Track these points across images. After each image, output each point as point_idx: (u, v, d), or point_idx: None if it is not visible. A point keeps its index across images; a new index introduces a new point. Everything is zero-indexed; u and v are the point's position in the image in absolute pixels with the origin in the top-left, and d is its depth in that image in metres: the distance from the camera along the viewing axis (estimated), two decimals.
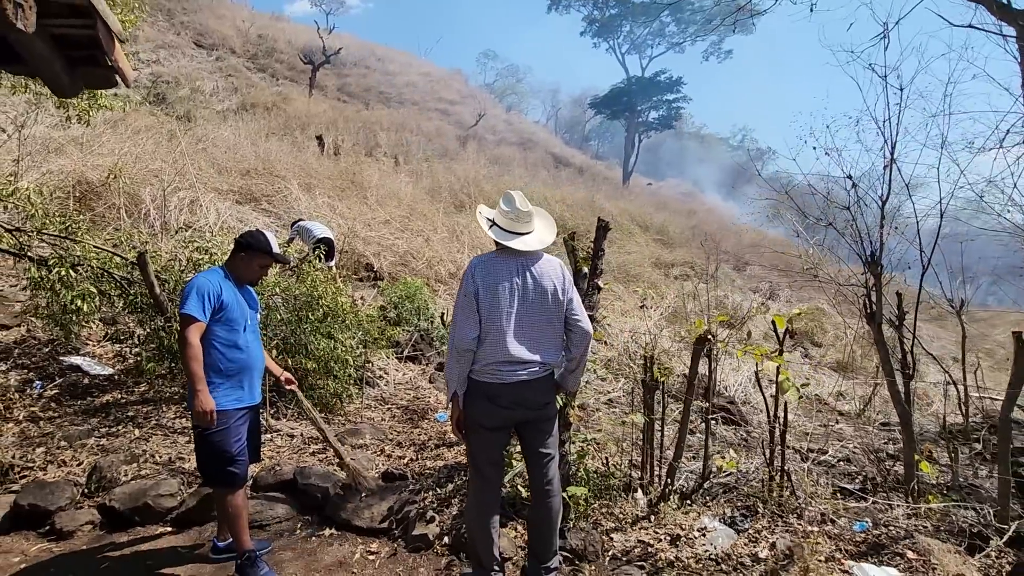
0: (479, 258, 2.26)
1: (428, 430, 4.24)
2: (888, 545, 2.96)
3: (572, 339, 2.33)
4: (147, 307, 3.94)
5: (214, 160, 10.29)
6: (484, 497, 2.31)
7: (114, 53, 2.20)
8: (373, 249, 8.87)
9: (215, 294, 2.50)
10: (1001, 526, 3.14)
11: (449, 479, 3.26)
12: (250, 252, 2.67)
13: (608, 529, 2.88)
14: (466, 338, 2.16)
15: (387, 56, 37.32)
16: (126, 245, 4.33)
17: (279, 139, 14.23)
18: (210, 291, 2.49)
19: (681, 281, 14.91)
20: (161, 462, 3.42)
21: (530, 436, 2.34)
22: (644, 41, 36.29)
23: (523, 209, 2.27)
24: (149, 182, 7.30)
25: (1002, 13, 3.89)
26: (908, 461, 3.79)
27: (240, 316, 2.61)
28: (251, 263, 2.68)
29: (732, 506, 3.22)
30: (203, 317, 2.44)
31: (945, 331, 14.29)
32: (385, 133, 22.03)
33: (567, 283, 2.31)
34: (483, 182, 16.50)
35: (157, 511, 3.02)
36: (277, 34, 31.31)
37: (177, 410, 4.03)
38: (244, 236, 2.72)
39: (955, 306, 4.79)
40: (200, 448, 2.54)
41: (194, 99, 19.43)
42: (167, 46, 23.58)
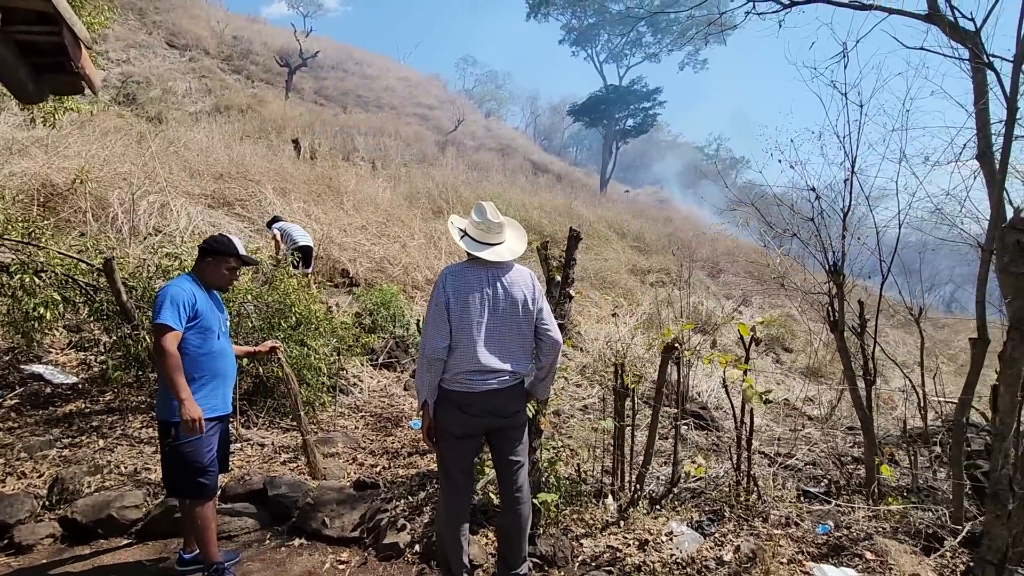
0: (450, 268, 2.29)
1: (402, 438, 4.23)
2: (848, 546, 3.05)
3: (542, 348, 2.36)
4: (113, 314, 3.87)
5: (186, 163, 10.11)
6: (454, 504, 2.32)
7: (80, 60, 2.17)
8: (349, 255, 8.81)
9: (189, 303, 2.47)
10: (955, 527, 3.26)
11: (421, 487, 3.26)
12: (217, 256, 2.65)
13: (578, 535, 2.91)
14: (436, 347, 2.18)
15: (365, 60, 37.14)
16: (92, 251, 4.24)
17: (254, 142, 14.05)
18: (184, 299, 2.45)
19: (656, 288, 15.13)
20: (126, 473, 3.35)
21: (500, 444, 2.36)
22: (621, 50, 36.81)
23: (494, 220, 2.31)
24: (117, 185, 7.14)
25: (954, 34, 4.06)
26: (869, 464, 3.92)
27: (215, 323, 2.59)
28: (219, 267, 2.66)
29: (700, 511, 3.29)
30: (179, 326, 2.41)
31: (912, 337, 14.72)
32: (363, 137, 21.90)
33: (537, 293, 2.35)
34: (462, 188, 16.51)
35: (121, 523, 2.96)
36: (253, 36, 30.91)
37: (144, 419, 3.95)
38: (208, 241, 2.70)
39: (914, 314, 4.98)
40: (170, 459, 2.50)
41: (166, 100, 19.06)
42: (138, 45, 23.10)
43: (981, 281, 3.38)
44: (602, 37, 36.70)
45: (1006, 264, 2.01)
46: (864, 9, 4.72)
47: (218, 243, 2.67)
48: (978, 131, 4.01)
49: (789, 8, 5.34)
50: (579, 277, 11.96)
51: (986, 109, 4.01)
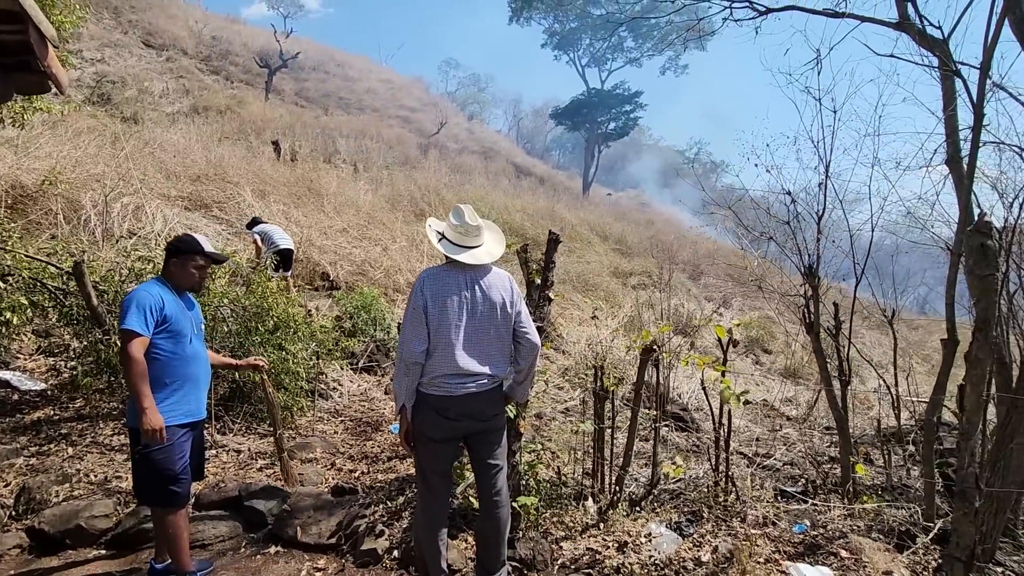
0: (428, 271, 2.28)
1: (381, 442, 4.19)
2: (824, 545, 3.10)
3: (520, 351, 2.36)
4: (84, 319, 3.77)
5: (162, 164, 9.92)
6: (432, 509, 2.31)
7: (47, 59, 2.12)
8: (329, 258, 8.72)
9: (156, 307, 2.41)
10: (927, 524, 3.33)
11: (400, 492, 3.23)
12: (182, 256, 2.59)
13: (558, 538, 2.91)
14: (414, 351, 2.17)
15: (347, 61, 36.91)
16: (62, 254, 4.13)
17: (233, 143, 13.87)
18: (151, 304, 2.39)
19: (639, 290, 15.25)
20: (96, 482, 3.27)
21: (478, 447, 2.35)
22: (603, 55, 37.11)
23: (472, 223, 2.30)
24: (90, 187, 6.98)
25: (923, 42, 4.17)
26: (844, 464, 3.98)
27: (186, 327, 2.53)
28: (185, 267, 2.59)
29: (679, 512, 3.31)
30: (145, 331, 2.35)
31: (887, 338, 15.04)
32: (344, 139, 21.73)
33: (516, 296, 2.35)
34: (444, 190, 16.47)
35: (90, 533, 2.89)
36: (232, 36, 30.54)
37: (115, 427, 3.86)
38: (172, 241, 2.65)
39: (887, 315, 5.08)
40: (140, 467, 2.43)
41: (142, 100, 18.72)
42: (113, 45, 22.67)
43: (950, 283, 3.46)
44: (584, 41, 36.97)
45: (971, 266, 2.06)
46: (837, 16, 4.81)
47: (182, 242, 2.62)
48: (947, 136, 4.12)
49: (765, 15, 5.43)
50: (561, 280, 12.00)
51: (954, 115, 4.11)
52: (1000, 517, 3.10)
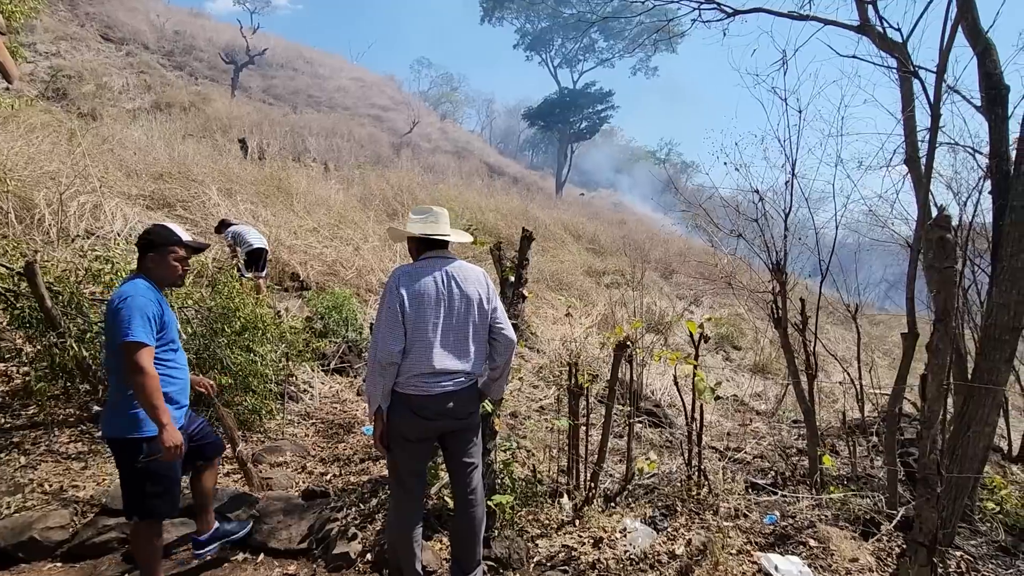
0: (402, 268, 2.23)
1: (354, 444, 4.12)
2: (793, 535, 3.16)
3: (496, 348, 2.34)
4: (37, 322, 3.60)
5: (122, 162, 9.58)
6: (406, 510, 2.27)
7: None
8: (299, 258, 8.55)
9: (156, 314, 2.23)
10: (891, 512, 3.43)
11: (373, 493, 3.17)
12: (159, 250, 2.35)
13: (533, 536, 2.90)
14: (390, 351, 2.11)
15: (316, 59, 36.31)
16: (13, 254, 3.94)
17: (197, 141, 13.48)
18: (152, 311, 2.21)
19: (612, 289, 15.39)
20: (51, 491, 3.12)
21: (454, 446, 2.32)
22: (575, 55, 37.35)
23: (437, 211, 2.28)
24: (44, 185, 6.69)
25: (883, 44, 4.29)
26: (812, 455, 4.08)
27: (175, 329, 2.39)
28: (164, 261, 2.36)
29: (653, 506, 3.34)
30: (152, 341, 2.17)
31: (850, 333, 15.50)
32: (314, 138, 21.39)
33: (491, 291, 2.33)
34: (417, 190, 16.32)
35: (45, 545, 2.75)
36: (196, 31, 29.75)
37: (72, 434, 3.70)
38: (145, 235, 2.40)
39: (851, 311, 5.23)
40: (139, 478, 2.26)
41: (100, 96, 18.08)
42: (69, 38, 21.83)
43: (911, 278, 3.57)
44: (556, 42, 37.14)
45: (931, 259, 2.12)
46: (801, 19, 4.93)
47: (157, 234, 2.40)
48: (906, 137, 4.25)
49: (732, 17, 5.52)
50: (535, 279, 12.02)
51: (913, 116, 4.25)
52: (959, 503, 3.21)
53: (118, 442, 2.26)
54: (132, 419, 2.23)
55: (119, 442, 2.26)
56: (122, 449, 2.26)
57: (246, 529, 2.84)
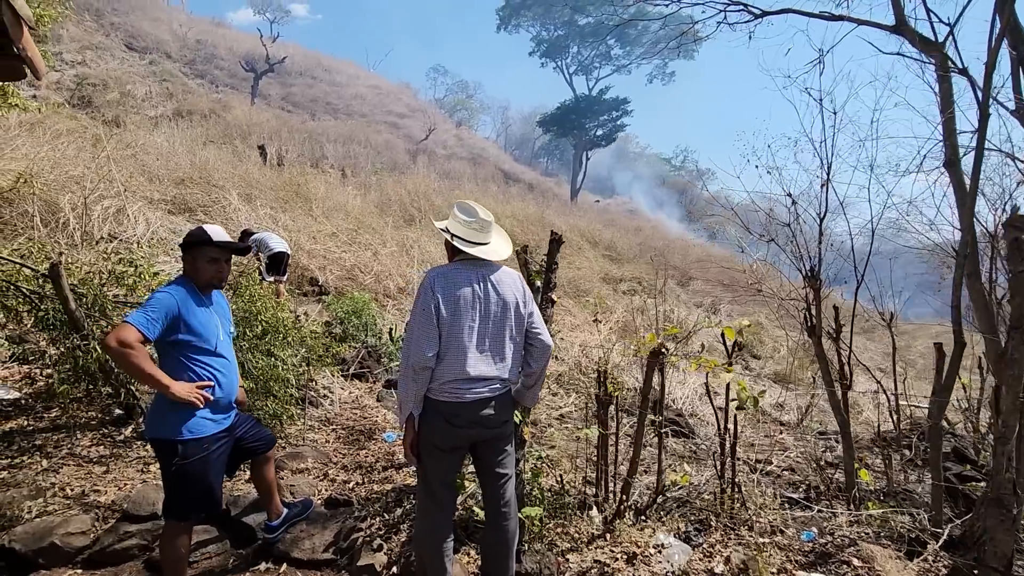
0: (437, 270, 2.15)
1: (375, 451, 4.04)
2: (834, 553, 3.01)
3: (532, 353, 2.25)
4: (61, 324, 3.58)
5: (145, 167, 9.70)
6: (437, 522, 2.17)
7: (22, 41, 1.98)
8: (318, 263, 8.56)
9: (170, 313, 2.19)
10: (936, 530, 3.26)
11: (398, 503, 3.09)
12: (191, 251, 2.36)
13: (563, 550, 2.79)
14: (424, 356, 2.03)
15: (334, 67, 36.76)
16: (38, 256, 3.94)
17: (218, 147, 13.64)
18: (168, 309, 2.18)
19: (629, 296, 15.24)
20: (72, 496, 3.08)
21: (487, 456, 2.23)
22: (591, 63, 37.35)
23: (485, 219, 2.19)
24: (69, 189, 6.76)
25: (921, 44, 4.16)
26: (849, 469, 3.91)
27: (212, 327, 2.35)
28: (197, 262, 2.36)
29: (686, 520, 3.21)
30: (146, 329, 2.11)
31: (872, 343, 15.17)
32: (332, 145, 21.57)
33: (527, 295, 2.24)
34: (434, 196, 16.36)
35: (65, 551, 2.70)
36: (217, 40, 30.28)
37: (93, 437, 3.67)
38: (184, 238, 2.42)
39: (885, 319, 5.06)
40: (174, 481, 2.24)
41: (124, 103, 18.40)
42: (94, 47, 22.31)
43: (956, 285, 3.42)
44: (572, 49, 37.18)
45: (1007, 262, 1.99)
46: (834, 19, 4.80)
47: (190, 235, 2.39)
48: (945, 139, 4.09)
49: (760, 19, 5.41)
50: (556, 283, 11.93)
51: (953, 118, 4.09)
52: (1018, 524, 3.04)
53: (156, 443, 2.26)
54: (168, 420, 2.21)
55: (156, 443, 2.26)
56: (160, 450, 2.26)
57: (311, 508, 2.96)
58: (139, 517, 2.88)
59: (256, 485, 2.80)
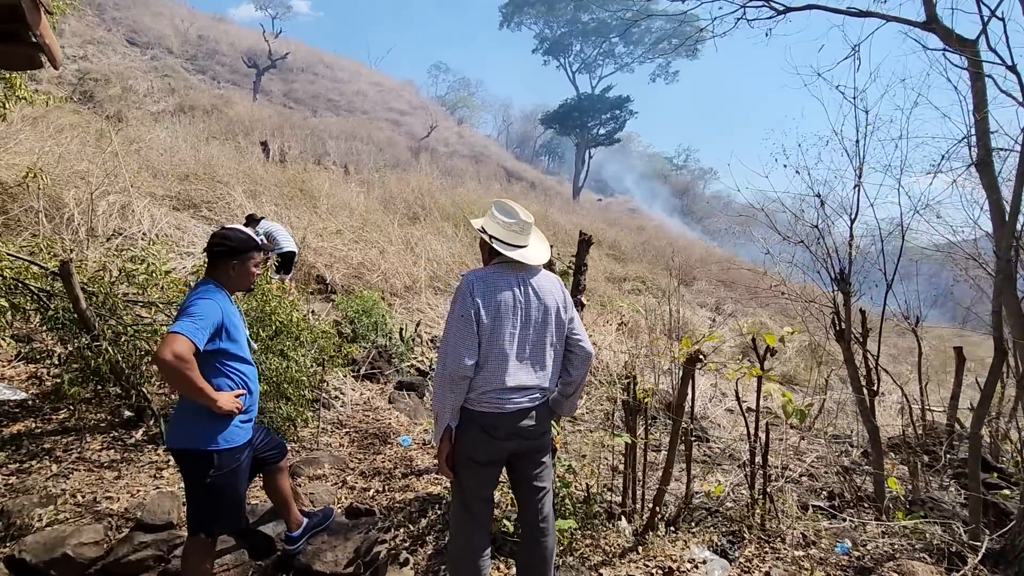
0: (475, 273, 2.03)
1: (392, 456, 3.93)
2: (873, 568, 2.91)
3: (573, 361, 2.13)
4: (70, 323, 3.46)
5: (148, 163, 9.57)
6: (473, 538, 2.06)
7: (40, 27, 1.86)
8: (325, 260, 8.44)
9: (216, 322, 2.05)
10: (974, 543, 3.16)
11: (422, 513, 2.98)
12: (240, 256, 2.19)
13: (596, 564, 2.69)
14: (463, 364, 1.91)
15: (336, 64, 36.59)
16: (45, 253, 3.82)
17: (221, 143, 13.49)
18: (214, 317, 2.04)
19: (634, 295, 15.13)
20: (84, 503, 2.97)
21: (525, 469, 2.12)
22: (594, 61, 37.19)
23: (527, 220, 2.08)
24: (74, 184, 6.63)
25: (953, 41, 4.05)
26: (879, 478, 3.81)
27: (244, 336, 2.26)
28: (245, 268, 2.21)
29: (717, 532, 3.11)
30: (198, 341, 1.96)
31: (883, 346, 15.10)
32: (334, 141, 21.42)
33: (568, 301, 2.13)
34: (437, 194, 16.23)
35: (78, 563, 2.58)
36: (219, 36, 30.11)
37: (103, 440, 3.55)
38: (226, 240, 2.19)
39: (911, 323, 4.96)
40: (206, 494, 2.12)
41: (126, 98, 18.24)
42: (96, 42, 22.16)
43: (998, 291, 3.31)
44: (575, 47, 37.02)
45: None
46: (861, 16, 4.69)
47: (241, 241, 2.21)
48: (978, 139, 3.98)
49: (783, 15, 5.29)
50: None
51: (986, 118, 3.98)
52: None
53: (186, 454, 2.10)
54: (202, 430, 2.07)
55: (187, 454, 2.10)
56: (189, 462, 2.10)
57: (332, 517, 2.84)
58: (154, 526, 2.76)
59: (271, 497, 2.67)
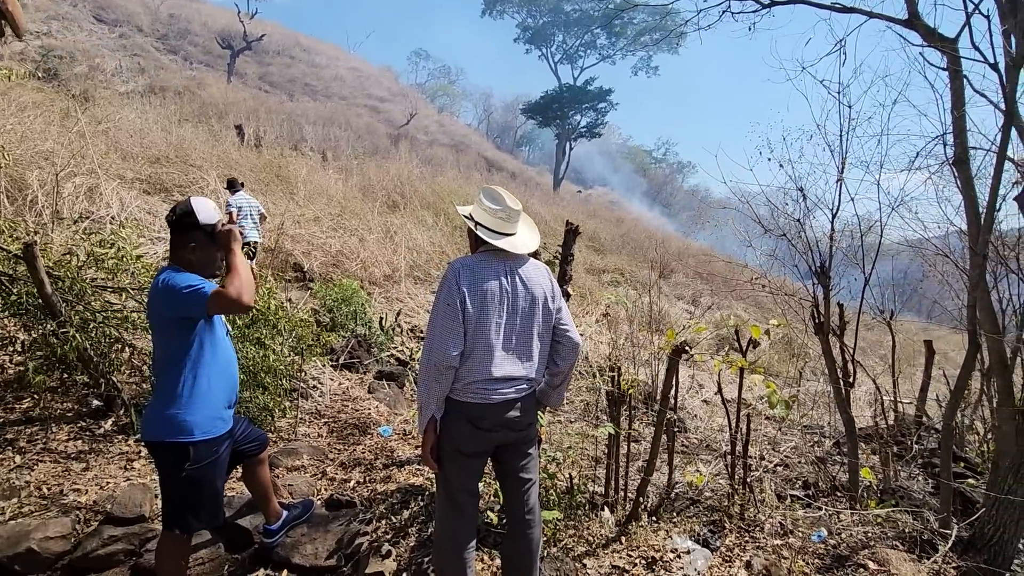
0: (461, 261, 1.98)
1: (372, 447, 3.87)
2: (849, 556, 2.97)
3: (560, 351, 2.10)
4: (34, 308, 3.31)
5: (117, 144, 9.23)
6: (458, 530, 2.03)
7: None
8: (303, 248, 8.27)
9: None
10: (944, 531, 3.25)
11: (404, 504, 2.93)
12: (206, 235, 2.03)
13: (579, 554, 2.68)
14: (449, 354, 1.87)
15: (313, 47, 35.79)
16: (7, 236, 3.65)
17: (193, 126, 13.09)
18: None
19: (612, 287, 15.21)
20: (49, 496, 2.85)
21: (510, 460, 2.09)
22: (576, 51, 37.05)
23: (514, 208, 2.03)
24: (38, 165, 6.36)
25: (932, 39, 4.11)
26: (854, 468, 3.89)
27: (220, 318, 2.18)
28: (212, 247, 2.06)
29: (699, 522, 3.13)
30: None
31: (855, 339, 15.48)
32: (312, 127, 20.98)
33: (556, 290, 2.09)
34: (417, 182, 16.04)
35: (44, 557, 2.49)
36: (192, 15, 29.17)
37: (70, 430, 3.42)
38: (191, 215, 2.00)
39: (886, 317, 5.07)
40: (182, 488, 2.03)
41: (92, 77, 17.59)
42: (60, 17, 21.28)
43: (973, 286, 3.38)
44: (557, 37, 36.81)
45: None
46: (844, 11, 4.72)
47: (201, 215, 2.03)
48: (955, 137, 4.04)
49: (768, 8, 5.31)
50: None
51: (964, 116, 4.06)
52: (1022, 524, 3.04)
53: (161, 446, 2.01)
54: (178, 421, 1.99)
55: (162, 446, 2.00)
56: (165, 455, 2.01)
57: (312, 509, 2.81)
58: (124, 519, 2.68)
59: (251, 489, 2.62)
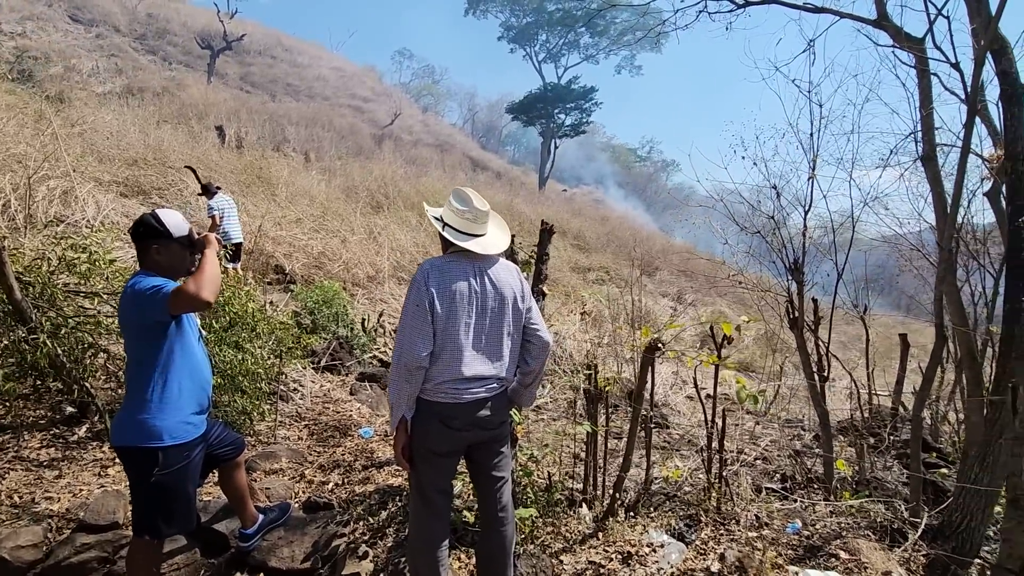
0: (431, 262, 1.99)
1: (352, 448, 3.87)
2: (821, 546, 3.03)
3: (531, 351, 2.13)
4: (4, 315, 3.27)
5: (93, 147, 9.09)
6: (433, 530, 2.04)
7: None
8: (284, 249, 8.21)
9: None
10: (914, 520, 3.32)
11: (382, 505, 2.94)
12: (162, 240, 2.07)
13: (556, 551, 2.70)
14: (418, 355, 1.88)
15: (295, 47, 35.46)
16: None
17: (173, 128, 12.92)
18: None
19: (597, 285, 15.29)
20: (21, 504, 2.82)
21: (483, 459, 2.11)
22: (559, 50, 37.14)
23: (482, 209, 2.05)
24: (10, 168, 6.24)
25: (901, 40, 4.20)
26: (828, 460, 3.97)
27: (195, 327, 2.19)
28: (178, 250, 2.11)
29: (675, 516, 3.17)
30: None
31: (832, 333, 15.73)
32: (294, 128, 20.80)
33: (525, 290, 2.11)
34: (401, 183, 15.99)
35: (15, 566, 2.46)
36: (170, 15, 28.76)
37: (43, 438, 3.37)
38: (151, 223, 2.07)
39: (860, 311, 5.16)
40: (152, 494, 2.03)
41: (68, 79, 17.28)
42: (35, 17, 20.87)
43: (940, 280, 3.46)
44: (540, 36, 36.87)
45: None
46: (816, 12, 4.81)
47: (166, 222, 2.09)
48: (923, 135, 4.15)
49: (743, 8, 5.38)
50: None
51: (931, 114, 4.15)
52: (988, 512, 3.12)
53: (130, 452, 2.01)
54: (147, 426, 1.98)
55: (131, 452, 2.00)
56: (134, 460, 2.01)
57: (289, 512, 2.81)
58: (97, 527, 2.65)
59: (227, 493, 2.61)
